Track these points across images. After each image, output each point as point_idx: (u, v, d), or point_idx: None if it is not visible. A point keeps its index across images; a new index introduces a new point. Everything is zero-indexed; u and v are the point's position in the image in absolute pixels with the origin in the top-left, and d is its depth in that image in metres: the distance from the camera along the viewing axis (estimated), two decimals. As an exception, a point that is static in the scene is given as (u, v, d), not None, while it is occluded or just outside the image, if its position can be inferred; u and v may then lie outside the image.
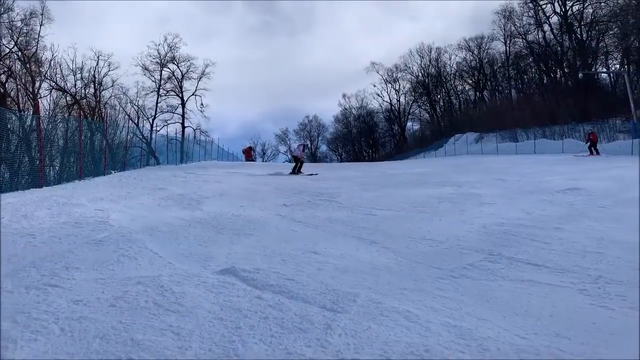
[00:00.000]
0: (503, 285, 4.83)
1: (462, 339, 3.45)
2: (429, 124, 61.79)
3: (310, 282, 4.67)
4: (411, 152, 53.69)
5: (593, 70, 41.30)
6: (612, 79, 40.90)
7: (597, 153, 24.02)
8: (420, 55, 60.14)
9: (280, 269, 5.11)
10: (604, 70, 42.14)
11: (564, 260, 5.61)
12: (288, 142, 74.54)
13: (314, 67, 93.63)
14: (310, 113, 78.32)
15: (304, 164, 21.13)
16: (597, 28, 42.53)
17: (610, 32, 41.40)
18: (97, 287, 4.37)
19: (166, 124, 46.49)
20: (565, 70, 44.51)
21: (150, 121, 45.34)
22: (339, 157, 71.00)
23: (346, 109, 70.27)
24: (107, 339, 3.23)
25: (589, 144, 24.43)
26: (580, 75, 39.10)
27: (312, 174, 18.71)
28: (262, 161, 60.88)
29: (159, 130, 43.48)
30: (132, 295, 4.09)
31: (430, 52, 59.47)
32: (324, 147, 74.69)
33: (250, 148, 45.29)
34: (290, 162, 63.51)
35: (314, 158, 70.68)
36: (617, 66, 41.11)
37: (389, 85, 64.89)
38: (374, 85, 67.93)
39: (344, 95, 73.43)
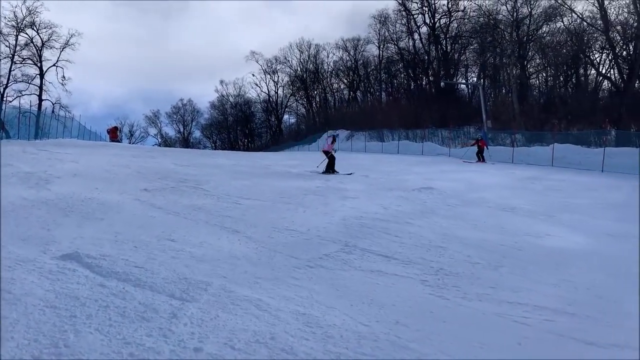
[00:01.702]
0: (354, 275, 5.04)
1: (308, 327, 3.52)
2: (304, 118, 62.94)
3: (161, 270, 4.47)
4: (287, 144, 54.27)
5: (454, 80, 45.09)
6: (470, 90, 45.00)
7: (483, 160, 23.46)
8: (299, 50, 60.93)
9: (130, 256, 4.82)
10: (463, 81, 46.23)
11: (411, 253, 6.01)
12: (159, 124, 71.14)
13: (190, 51, 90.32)
14: (184, 96, 75.19)
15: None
16: (459, 42, 46.47)
17: (471, 47, 45.52)
18: None
19: (20, 94, 41.81)
20: (430, 78, 48.01)
21: (1, 90, 40.51)
22: (213, 145, 69.38)
23: (223, 96, 68.85)
24: None
25: (477, 150, 23.75)
26: (442, 84, 42.43)
27: (349, 173, 15.76)
28: (129, 143, 57.40)
29: (11, 101, 38.96)
30: (-53, 282, 3.59)
31: (310, 47, 60.50)
32: (197, 133, 72.48)
33: (116, 128, 42.41)
34: (160, 145, 60.74)
35: (187, 144, 68.38)
36: (475, 79, 45.36)
37: (268, 76, 64.86)
38: (253, 75, 67.29)
39: (221, 82, 71.60)
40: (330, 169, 15.97)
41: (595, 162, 20.36)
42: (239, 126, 68.86)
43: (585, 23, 35.16)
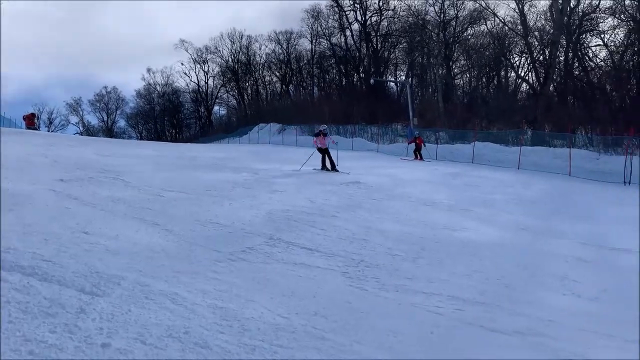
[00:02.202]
0: (277, 268, 5.04)
1: (225, 320, 3.47)
2: (235, 111, 61.99)
3: (72, 263, 4.24)
4: (216, 136, 53.28)
5: (384, 78, 46.08)
6: (398, 88, 46.15)
7: (421, 158, 23.00)
8: (231, 40, 59.77)
9: (39, 248, 4.54)
10: (392, 79, 47.34)
11: (334, 246, 6.08)
12: (81, 112, 67.48)
13: (115, 37, 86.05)
14: (109, 84, 71.58)
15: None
16: (389, 40, 47.50)
17: (400, 46, 46.69)
18: None
19: None
20: (361, 75, 48.79)
21: None
22: (139, 135, 66.81)
23: (150, 85, 66.30)
24: None
25: (414, 147, 23.25)
26: (372, 81, 43.22)
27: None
28: (48, 131, 54.12)
29: None
30: None
31: (242, 38, 59.52)
32: (122, 123, 69.40)
33: (33, 115, 39.78)
34: (81, 134, 57.56)
35: (110, 133, 65.47)
36: (403, 77, 46.55)
37: (198, 65, 63.17)
38: (182, 64, 65.31)
39: (148, 70, 68.77)
40: (330, 165, 15.37)
41: (512, 160, 21.52)
42: (167, 116, 66.70)
43: (506, 27, 37.07)
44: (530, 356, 3.42)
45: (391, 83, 46.96)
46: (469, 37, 41.39)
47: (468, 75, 42.06)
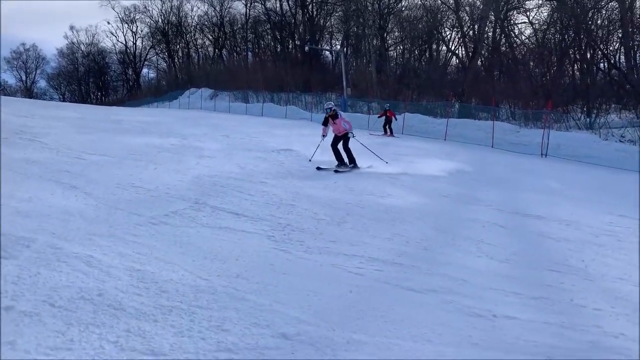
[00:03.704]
0: (201, 232, 4.97)
1: (142, 282, 3.40)
2: (166, 74, 59.59)
3: (-25, 226, 3.98)
4: (145, 100, 51.15)
5: (319, 46, 45.78)
6: (333, 57, 46.05)
7: (391, 133, 21.02)
8: (161, 0, 57.07)
9: (-63, 210, 4.23)
10: (327, 48, 47.13)
11: (261, 211, 6.07)
12: (-2, 73, 62.29)
13: (35, -12, 79.78)
14: (27, 41, 66.40)
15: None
16: (325, 8, 47.08)
17: (336, 14, 46.42)
18: None
19: None
20: (297, 42, 48.19)
21: None
22: (61, 97, 62.92)
23: (73, 44, 62.15)
24: None
25: (384, 121, 21.18)
26: (307, 48, 42.82)
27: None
28: (-43, 89, 49.81)
29: None
30: None
31: (173, -2, 56.90)
32: (43, 83, 64.96)
33: (-62, 70, 36.52)
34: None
35: (30, 94, 61.22)
36: (338, 46, 46.46)
37: (126, 25, 59.85)
38: (108, 23, 61.61)
39: (71, 28, 64.43)
40: (349, 160, 10.05)
41: (440, 132, 22.21)
42: (92, 78, 63.11)
43: (439, 1, 37.72)
44: (443, 313, 3.60)
45: (326, 52, 46.74)
46: (403, 8, 41.81)
47: (401, 47, 42.56)
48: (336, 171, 9.73)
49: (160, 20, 57.87)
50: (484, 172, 12.55)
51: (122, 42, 61.07)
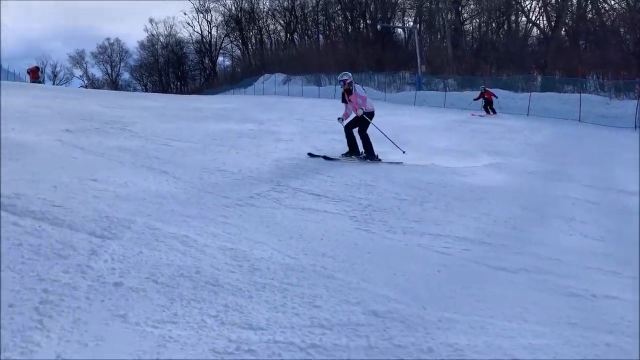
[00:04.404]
0: (285, 213, 5.07)
1: (235, 260, 3.53)
2: (240, 61, 61.01)
3: (81, 208, 4.29)
4: (221, 87, 52.71)
5: (391, 24, 44.94)
6: (406, 35, 45.06)
7: (494, 112, 20.31)
8: (233, -13, 58.20)
9: (49, 195, 4.59)
10: (400, 25, 46.18)
11: (341, 191, 6.09)
12: (84, 65, 66.57)
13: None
14: (111, 35, 70.24)
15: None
16: (397, -15, 46.05)
17: (408, -9, 45.29)
18: None
19: None
20: (367, 21, 47.57)
21: None
22: (143, 87, 66.19)
23: (153, 36, 65.04)
24: None
25: (484, 103, 20.57)
26: (379, 27, 42.14)
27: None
28: (53, 84, 53.77)
29: None
30: None
31: (244, -15, 57.87)
32: (126, 75, 68.58)
33: (37, 68, 39.58)
34: (86, 87, 56.99)
35: (115, 86, 64.90)
36: (411, 23, 45.37)
37: (201, 15, 61.79)
38: (185, 13, 63.92)
39: (151, 20, 67.59)
40: (366, 150, 8.46)
41: (522, 107, 21.22)
42: (171, 68, 65.80)
43: (518, -31, 35.76)
44: (537, 292, 3.46)
45: (399, 30, 45.78)
46: (479, -20, 40.01)
47: (477, 21, 40.86)
48: (326, 158, 8.21)
49: (233, 8, 59.13)
50: (571, 147, 11.90)
51: (198, 32, 63.05)
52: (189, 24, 63.22)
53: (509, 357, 2.59)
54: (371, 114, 8.73)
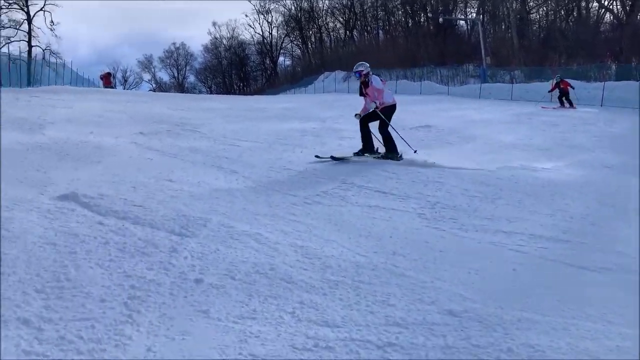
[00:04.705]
0: (352, 210, 5.09)
1: (307, 258, 3.58)
2: (300, 60, 61.64)
3: (160, 208, 4.50)
4: (282, 87, 53.47)
5: (452, 16, 43.91)
6: (469, 27, 43.92)
7: (571, 105, 18.56)
8: (293, -13, 58.83)
9: (129, 195, 4.85)
10: (462, 17, 45.00)
11: (408, 188, 6.03)
12: (152, 69, 69.44)
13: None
14: (177, 40, 72.95)
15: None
16: (458, -24, 44.90)
17: (470, -19, 44.04)
18: None
19: (9, 41, 40.65)
20: (429, 14, 46.73)
21: (-12, 36, 39.38)
22: (208, 89, 68.27)
23: (216, 39, 66.99)
24: None
25: (558, 93, 19.11)
26: (440, 20, 41.31)
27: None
28: (123, 89, 56.48)
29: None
30: (-54, 222, 3.62)
31: (304, -15, 58.35)
32: (192, 78, 71.01)
33: (109, 74, 41.66)
34: (154, 91, 59.60)
35: (181, 89, 67.30)
36: (474, 14, 44.13)
37: (261, 16, 62.97)
38: (246, 15, 65.32)
39: (214, 24, 69.52)
40: (387, 146, 7.79)
41: (595, 97, 20.14)
42: (234, 70, 67.46)
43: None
44: (623, 293, 3.29)
45: (461, 21, 44.64)
46: (546, -34, 38.33)
47: (545, 9, 39.17)
48: (334, 158, 7.50)
49: (293, 8, 59.78)
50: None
51: (259, 33, 64.26)
52: (250, 25, 64.69)
53: (595, 359, 2.48)
54: (391, 108, 7.96)
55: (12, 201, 4.25)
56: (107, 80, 39.53)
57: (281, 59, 65.26)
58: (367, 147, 7.98)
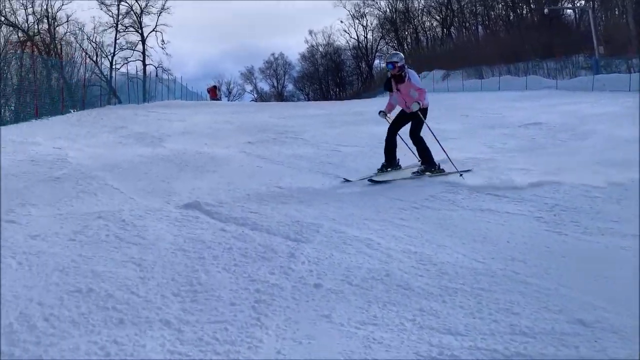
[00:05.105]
0: (463, 215, 4.95)
1: (421, 264, 3.55)
2: (396, 62, 61.00)
3: (274, 214, 4.69)
4: (378, 90, 53.27)
5: (559, 5, 41.24)
6: (577, 15, 41.02)
7: None
8: (388, -10, 58.56)
9: (245, 202, 5.11)
10: (569, 6, 42.09)
11: (522, 190, 5.75)
12: (254, 80, 72.49)
13: (274, 3, 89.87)
14: (275, 50, 75.60)
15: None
16: (565, -38, 42.11)
17: (578, -34, 41.16)
18: (55, 223, 4.29)
19: (126, 61, 44.51)
20: (532, 5, 44.28)
21: (110, 59, 43.38)
22: (306, 96, 69.90)
23: (313, 46, 68.46)
24: (66, 271, 3.20)
25: None
26: (545, 10, 38.91)
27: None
28: (228, 100, 59.54)
29: (119, 68, 41.74)
30: (93, 230, 4.04)
31: (399, -15, 57.87)
32: (290, 86, 73.21)
33: (215, 87, 44.14)
34: (256, 101, 62.66)
35: (281, 97, 69.54)
36: (582, 2, 41.17)
37: (356, 21, 63.29)
38: (341, 21, 66.26)
39: (310, 32, 71.31)
40: (425, 162, 6.61)
41: None
42: (330, 76, 68.47)
43: None
44: None
45: (568, 10, 41.79)
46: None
47: (666, -12, 35.55)
48: (371, 180, 6.25)
49: (388, 10, 59.51)
50: None
51: (354, 38, 64.67)
52: (345, 31, 65.18)
53: None
54: (425, 112, 6.70)
55: (144, 210, 4.66)
56: (214, 93, 41.87)
57: (377, 61, 65.17)
58: (393, 161, 6.76)
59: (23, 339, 2.38)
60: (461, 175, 6.28)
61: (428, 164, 6.55)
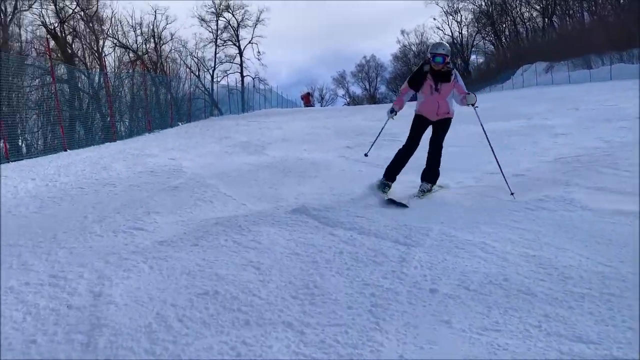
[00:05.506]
0: (583, 216, 4.64)
1: (542, 268, 3.37)
2: (494, 56, 58.68)
3: (380, 218, 4.69)
4: (476, 86, 51.53)
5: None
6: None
7: None
8: (483, -18, 56.47)
9: (350, 207, 5.15)
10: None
11: (649, 188, 5.28)
12: (346, 84, 73.07)
13: (366, 5, 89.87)
14: (367, 53, 75.77)
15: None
16: None
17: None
18: (179, 229, 4.61)
19: (226, 74, 46.75)
20: (646, -15, 40.51)
21: (211, 72, 45.82)
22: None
23: (405, 46, 67.70)
24: (193, 274, 3.42)
25: None
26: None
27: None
28: (321, 106, 60.55)
29: (219, 81, 43.99)
30: (212, 235, 4.28)
31: (495, -23, 55.57)
32: (383, 88, 72.97)
33: (308, 94, 45.26)
34: (349, 104, 62.98)
35: (373, 100, 69.40)
36: None
37: (450, 17, 61.63)
38: (434, 19, 65.00)
39: (402, 32, 70.68)
40: (432, 173, 6.06)
41: None
42: (424, 75, 67.16)
43: None
44: None
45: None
46: None
47: None
48: (392, 202, 5.27)
49: (483, 4, 57.39)
50: None
51: (448, 35, 63.10)
52: (439, 28, 63.77)
53: None
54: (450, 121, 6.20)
55: (257, 216, 4.86)
56: (307, 99, 42.85)
57: (473, 57, 63.10)
58: (392, 174, 6.09)
59: (162, 338, 2.58)
60: (512, 194, 5.43)
61: (434, 181, 5.92)
